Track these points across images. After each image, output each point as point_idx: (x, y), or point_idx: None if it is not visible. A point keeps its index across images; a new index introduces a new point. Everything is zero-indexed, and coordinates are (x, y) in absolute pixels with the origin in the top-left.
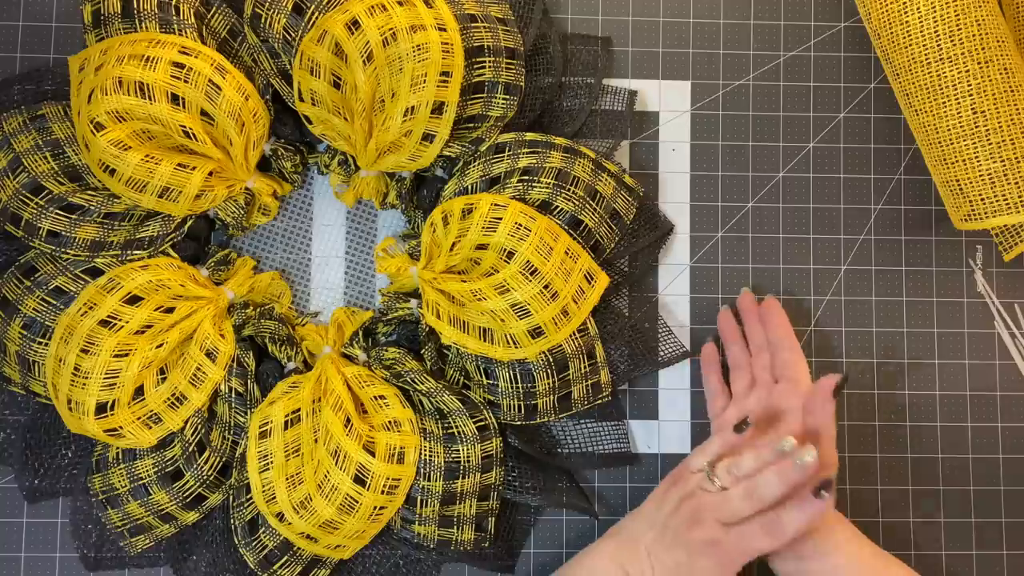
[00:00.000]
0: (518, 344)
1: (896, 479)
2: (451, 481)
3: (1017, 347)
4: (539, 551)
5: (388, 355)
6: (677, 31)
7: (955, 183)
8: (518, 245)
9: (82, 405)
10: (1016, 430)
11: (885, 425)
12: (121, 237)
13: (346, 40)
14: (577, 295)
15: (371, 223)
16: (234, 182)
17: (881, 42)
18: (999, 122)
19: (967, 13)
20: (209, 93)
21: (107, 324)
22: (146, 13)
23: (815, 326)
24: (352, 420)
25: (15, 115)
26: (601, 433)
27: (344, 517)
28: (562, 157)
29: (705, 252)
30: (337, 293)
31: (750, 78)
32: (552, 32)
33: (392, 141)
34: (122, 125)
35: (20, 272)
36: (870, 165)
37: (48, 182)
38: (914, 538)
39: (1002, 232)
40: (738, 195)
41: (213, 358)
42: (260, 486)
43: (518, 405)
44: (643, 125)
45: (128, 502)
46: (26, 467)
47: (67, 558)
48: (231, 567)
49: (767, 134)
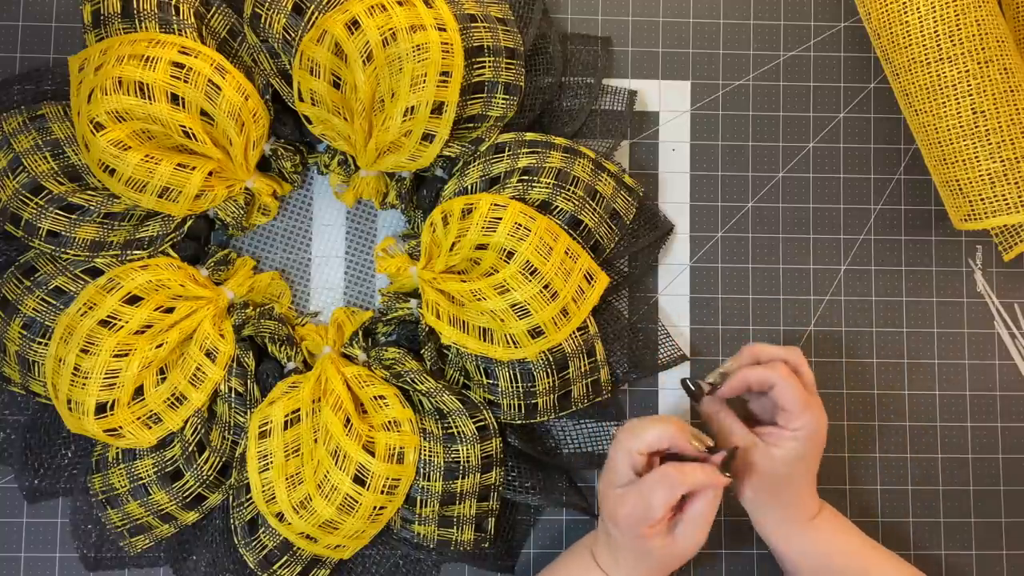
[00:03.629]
0: (518, 344)
1: (896, 479)
2: (451, 481)
3: (1017, 347)
4: (539, 551)
5: (388, 355)
6: (677, 31)
7: (955, 183)
8: (518, 245)
9: (82, 405)
10: (1016, 430)
11: (885, 425)
12: (121, 237)
13: (346, 40)
14: (577, 295)
15: (371, 223)
16: (234, 182)
17: (881, 42)
18: (999, 122)
19: (967, 13)
20: (209, 93)
21: (107, 324)
22: (146, 13)
23: (815, 326)
24: (352, 420)
25: (15, 115)
26: (601, 433)
27: (344, 517)
28: (562, 157)
29: (705, 252)
30: (337, 293)
31: (750, 78)
32: (552, 32)
33: (392, 141)
34: (122, 125)
35: (20, 272)
36: (870, 165)
37: (48, 182)
38: (914, 538)
39: (1002, 232)
40: (738, 195)
41: (213, 358)
42: (260, 486)
43: (518, 404)
44: (643, 125)
45: (128, 502)
46: (26, 467)
47: (67, 558)
48: (231, 567)
49: (767, 134)
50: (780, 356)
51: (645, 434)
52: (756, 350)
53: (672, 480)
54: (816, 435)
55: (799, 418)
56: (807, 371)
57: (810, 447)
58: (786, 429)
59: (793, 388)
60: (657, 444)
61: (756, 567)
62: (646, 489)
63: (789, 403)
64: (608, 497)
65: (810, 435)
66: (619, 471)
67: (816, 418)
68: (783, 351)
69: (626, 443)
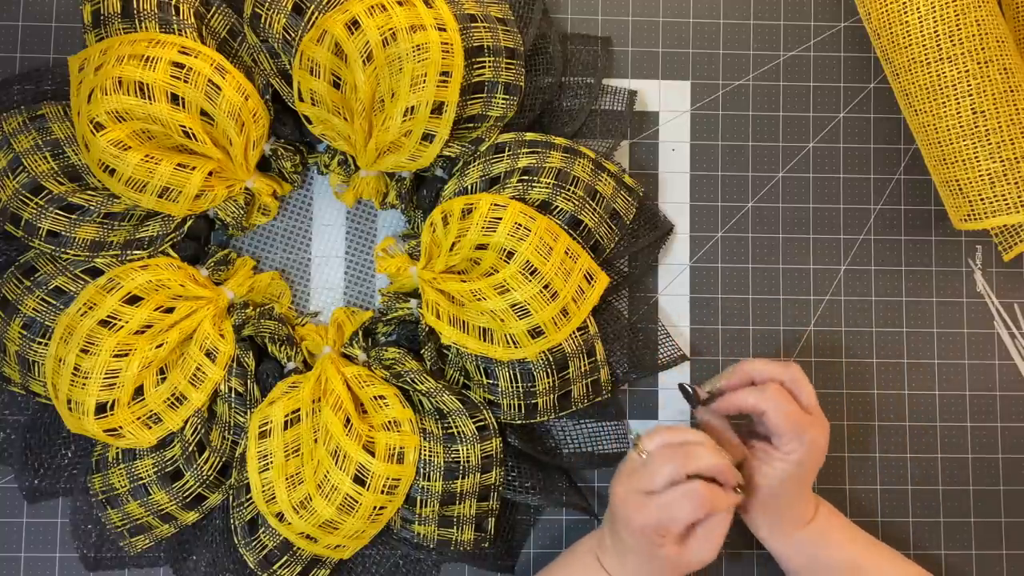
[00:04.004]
0: (518, 344)
1: (896, 479)
2: (451, 481)
3: (1016, 347)
4: (539, 551)
5: (388, 355)
6: (677, 31)
7: (955, 183)
8: (518, 245)
9: (82, 405)
10: (1016, 430)
11: (884, 425)
12: (121, 237)
13: (346, 40)
14: (577, 295)
15: (371, 223)
16: (234, 182)
17: (881, 42)
18: (999, 122)
19: (967, 13)
20: (209, 93)
21: (107, 324)
22: (146, 13)
23: (815, 326)
24: (352, 420)
25: (15, 115)
26: (601, 433)
27: (344, 517)
28: (562, 157)
29: (705, 252)
30: (337, 293)
31: (750, 78)
32: (552, 32)
33: (392, 141)
34: (122, 125)
35: (20, 272)
36: (870, 165)
37: (48, 182)
38: (914, 538)
39: (1002, 232)
40: (738, 195)
41: (213, 358)
42: (260, 486)
43: (518, 404)
44: (643, 125)
45: (128, 502)
46: (26, 467)
47: (67, 558)
48: (231, 567)
49: (767, 134)
50: (776, 375)
51: (700, 461)
52: (750, 369)
53: (702, 499)
54: (811, 453)
55: (790, 443)
56: (806, 388)
57: (804, 467)
58: (779, 450)
59: (784, 416)
60: (707, 472)
61: (756, 567)
62: (673, 502)
63: (780, 429)
64: (627, 501)
65: (803, 458)
66: (657, 482)
67: (812, 439)
68: (779, 369)
69: (677, 460)
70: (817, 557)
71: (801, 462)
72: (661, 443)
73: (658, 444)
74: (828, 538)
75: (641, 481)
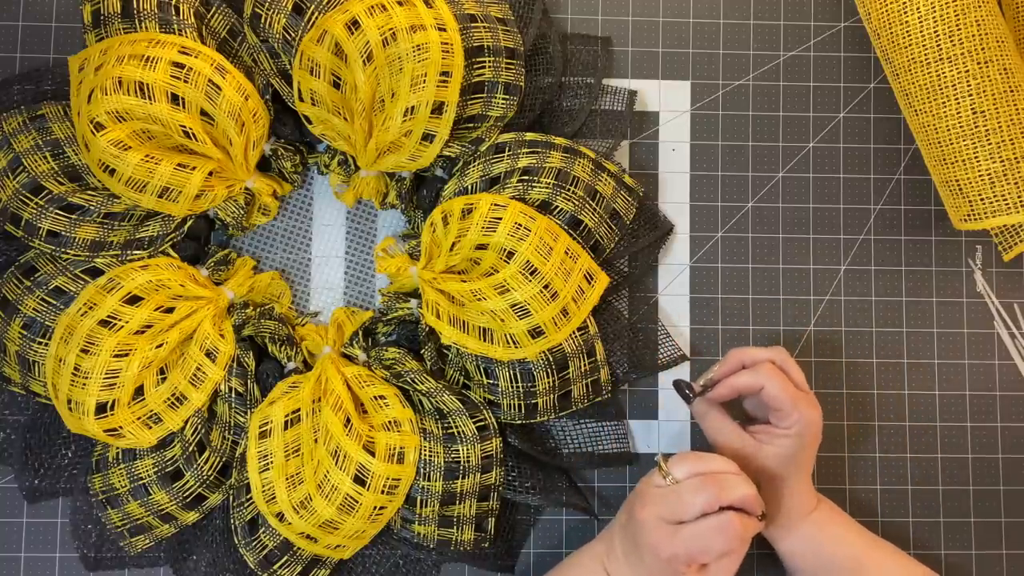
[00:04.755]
0: (518, 344)
1: (896, 479)
2: (451, 481)
3: (1016, 347)
4: (539, 551)
5: (388, 355)
6: (677, 31)
7: (955, 183)
8: (518, 245)
9: (82, 405)
10: (1015, 430)
11: (884, 425)
12: (121, 237)
13: (346, 40)
14: (577, 295)
15: (371, 223)
16: (234, 182)
17: (881, 42)
18: (999, 122)
19: (967, 13)
20: (209, 93)
21: (107, 324)
22: (146, 13)
23: (815, 326)
24: (352, 420)
25: (15, 115)
26: (601, 433)
27: (344, 517)
28: (562, 157)
29: (705, 252)
30: (337, 293)
31: (750, 78)
32: (552, 32)
33: (392, 141)
34: (122, 125)
35: (20, 272)
36: (870, 165)
37: (48, 182)
38: (914, 538)
39: (1001, 232)
40: (738, 195)
41: (213, 358)
42: (260, 486)
43: (518, 404)
44: (643, 125)
45: (128, 502)
46: (26, 467)
47: (67, 558)
48: (231, 567)
49: (767, 134)
50: (766, 357)
51: (735, 492)
52: (741, 355)
53: (736, 532)
54: (809, 429)
55: (790, 416)
56: (794, 368)
57: (803, 443)
58: (778, 427)
59: (780, 387)
60: (740, 504)
61: (756, 567)
62: (707, 533)
63: (778, 402)
64: (656, 529)
65: (802, 431)
66: (690, 512)
67: (808, 413)
68: (769, 352)
69: (710, 490)
70: (821, 553)
71: (800, 434)
72: (691, 472)
73: (687, 473)
74: (831, 531)
75: (673, 510)
